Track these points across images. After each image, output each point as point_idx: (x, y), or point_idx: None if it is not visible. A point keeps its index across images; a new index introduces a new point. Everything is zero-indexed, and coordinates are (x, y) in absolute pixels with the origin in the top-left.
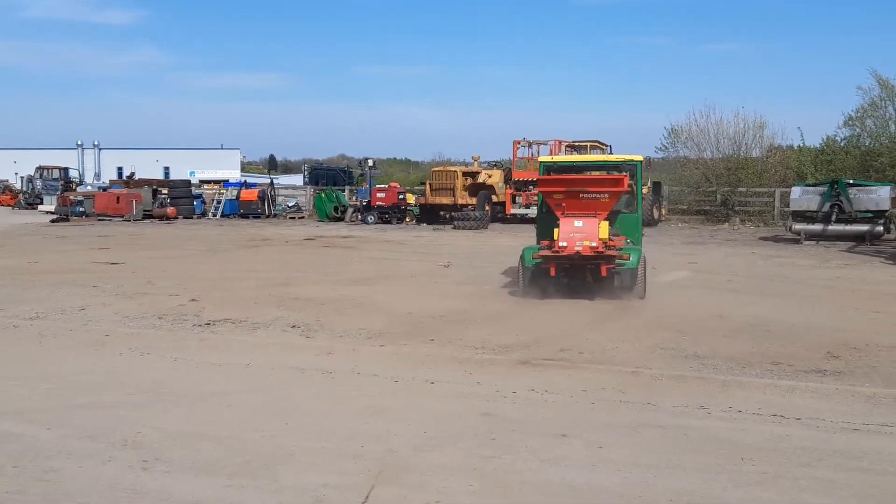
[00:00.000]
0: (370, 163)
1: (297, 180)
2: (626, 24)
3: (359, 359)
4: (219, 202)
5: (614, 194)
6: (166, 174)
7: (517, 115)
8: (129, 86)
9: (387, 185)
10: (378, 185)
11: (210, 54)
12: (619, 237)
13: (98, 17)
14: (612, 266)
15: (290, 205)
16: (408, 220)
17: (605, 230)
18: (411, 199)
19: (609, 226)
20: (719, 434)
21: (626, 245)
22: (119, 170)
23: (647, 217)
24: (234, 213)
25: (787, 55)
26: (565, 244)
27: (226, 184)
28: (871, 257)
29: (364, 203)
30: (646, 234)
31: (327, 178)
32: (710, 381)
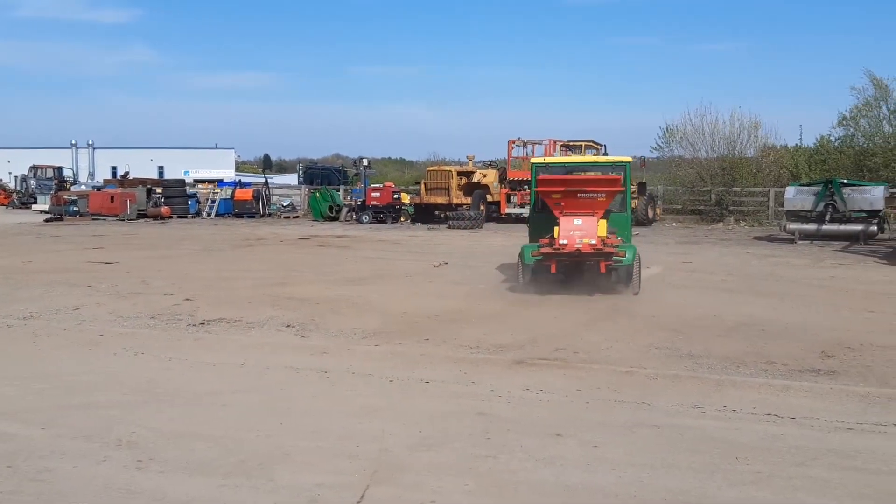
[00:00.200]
0: (365, 162)
1: (292, 180)
2: (621, 24)
3: (354, 358)
4: (213, 202)
5: (611, 193)
6: (161, 173)
7: (512, 114)
8: (123, 85)
9: (382, 185)
10: (373, 185)
11: (204, 53)
12: (614, 235)
13: (91, 15)
14: (610, 263)
15: (284, 204)
16: (402, 219)
17: (604, 228)
18: (406, 199)
19: (606, 224)
20: (714, 433)
21: (621, 243)
22: (113, 169)
23: (641, 217)
24: (229, 212)
25: (781, 55)
26: (566, 242)
27: (220, 183)
28: (865, 257)
29: (359, 202)
30: (640, 233)
31: (322, 177)
32: (704, 380)
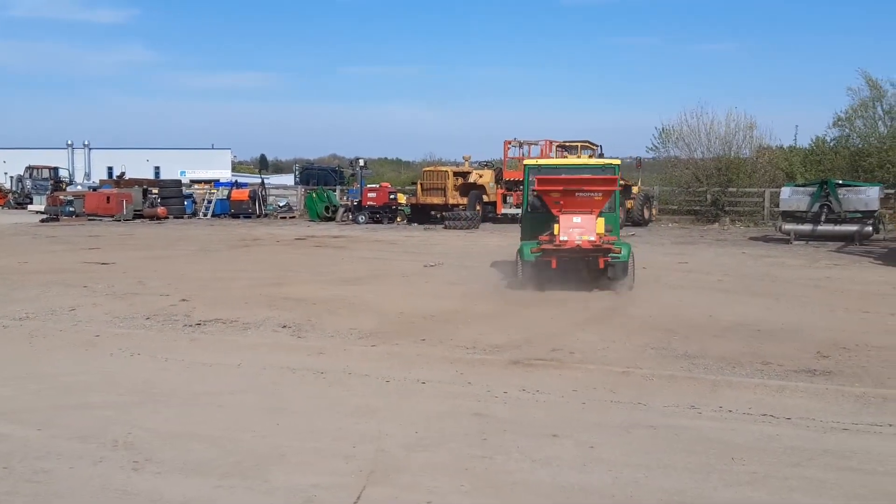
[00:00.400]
0: (361, 162)
1: (288, 180)
2: (617, 24)
3: (350, 359)
4: (209, 202)
5: (607, 193)
6: (157, 174)
7: (508, 115)
8: (119, 85)
9: (378, 185)
10: (369, 185)
11: (201, 53)
12: (609, 233)
13: (87, 15)
14: (608, 259)
15: (280, 205)
16: (399, 219)
17: (602, 225)
18: (402, 199)
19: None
20: (710, 434)
21: (617, 240)
22: (109, 169)
23: (637, 217)
24: (225, 212)
25: (778, 55)
26: (566, 238)
27: (216, 183)
28: (860, 257)
29: (355, 203)
30: (636, 234)
31: (318, 177)
32: (700, 380)
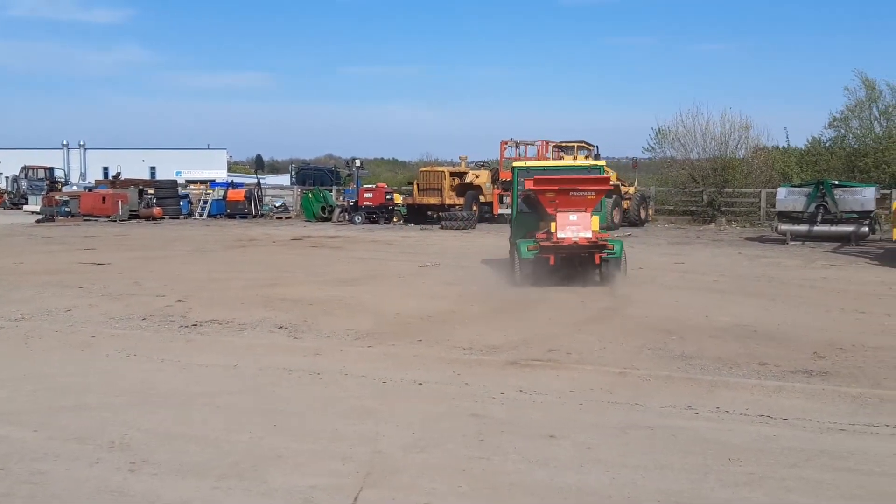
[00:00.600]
0: (357, 163)
1: (285, 180)
2: (615, 25)
3: (346, 360)
4: (205, 202)
5: (600, 192)
6: (152, 174)
7: (505, 115)
8: (115, 85)
9: (374, 186)
10: (365, 186)
11: (197, 53)
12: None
13: (84, 15)
14: (603, 254)
15: (277, 205)
16: (395, 220)
17: (597, 223)
18: (399, 200)
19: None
20: (707, 434)
21: (609, 237)
22: (105, 170)
23: (633, 218)
24: (221, 213)
25: (773, 56)
26: (564, 236)
27: (212, 184)
28: (856, 258)
29: (351, 203)
30: (633, 234)
31: (314, 178)
32: (697, 381)
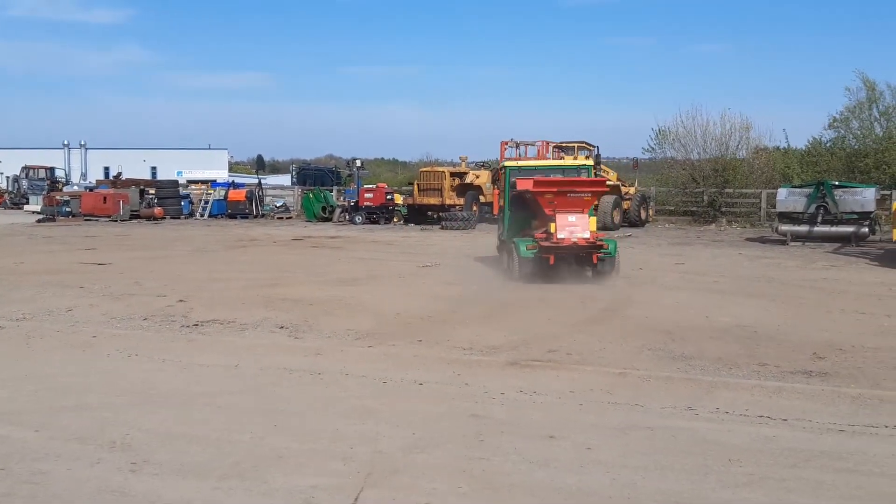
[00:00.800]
0: (358, 163)
1: (285, 180)
2: (614, 25)
3: (347, 360)
4: (206, 202)
5: (595, 193)
6: (153, 174)
7: (505, 115)
8: (115, 85)
9: (375, 186)
10: (366, 186)
11: (197, 53)
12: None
13: (84, 16)
14: (600, 254)
15: (277, 205)
16: (395, 220)
17: (594, 224)
18: (399, 200)
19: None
20: (707, 435)
21: (605, 237)
22: (106, 170)
23: (634, 218)
24: (222, 213)
25: (773, 56)
26: (564, 236)
27: (213, 184)
28: (856, 258)
29: (352, 203)
30: (633, 234)
31: (315, 178)
32: (697, 382)
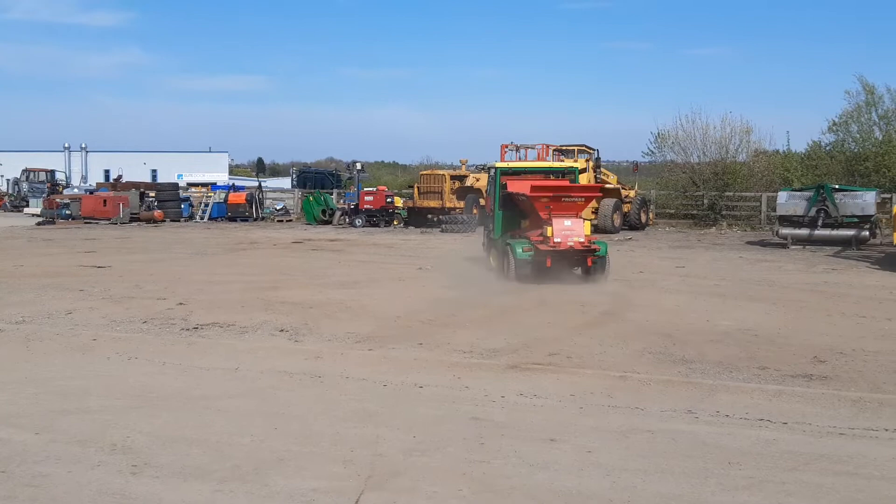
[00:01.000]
0: (358, 166)
1: (285, 183)
2: (613, 29)
3: (347, 363)
4: (206, 205)
5: (589, 198)
6: (154, 177)
7: (505, 118)
8: (116, 88)
9: (375, 189)
10: (366, 189)
11: (198, 56)
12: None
13: (84, 18)
14: (595, 257)
15: (277, 208)
16: (395, 223)
17: (588, 228)
18: (399, 203)
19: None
20: (707, 438)
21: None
22: (106, 172)
23: (634, 221)
24: (222, 216)
25: (772, 60)
26: (560, 240)
27: (214, 187)
28: (857, 262)
29: (352, 206)
30: (633, 238)
31: (315, 181)
32: (697, 385)
